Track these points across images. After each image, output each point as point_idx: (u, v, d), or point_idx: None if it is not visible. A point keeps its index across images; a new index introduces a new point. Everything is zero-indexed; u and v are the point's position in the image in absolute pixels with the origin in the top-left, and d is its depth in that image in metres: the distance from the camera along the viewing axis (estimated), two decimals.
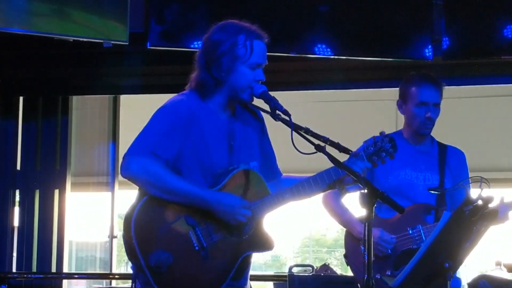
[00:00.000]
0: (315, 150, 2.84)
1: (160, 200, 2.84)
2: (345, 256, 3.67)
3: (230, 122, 3.01)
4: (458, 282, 3.58)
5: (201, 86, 2.96)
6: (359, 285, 3.59)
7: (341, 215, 3.64)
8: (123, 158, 2.87)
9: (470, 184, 3.57)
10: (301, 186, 2.97)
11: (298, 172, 3.17)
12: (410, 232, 3.55)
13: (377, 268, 3.40)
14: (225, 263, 2.86)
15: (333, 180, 2.95)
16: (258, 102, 3.05)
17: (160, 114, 2.91)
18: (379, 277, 3.51)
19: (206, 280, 2.84)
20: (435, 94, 3.62)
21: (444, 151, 3.70)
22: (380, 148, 2.95)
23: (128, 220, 2.79)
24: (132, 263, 2.84)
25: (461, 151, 3.76)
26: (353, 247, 3.59)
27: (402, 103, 3.67)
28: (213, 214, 2.85)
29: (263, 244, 2.95)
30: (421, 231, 3.51)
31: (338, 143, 2.86)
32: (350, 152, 2.91)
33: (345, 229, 3.68)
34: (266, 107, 3.00)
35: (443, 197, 3.59)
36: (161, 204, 2.84)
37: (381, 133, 2.98)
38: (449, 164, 3.68)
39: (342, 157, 2.95)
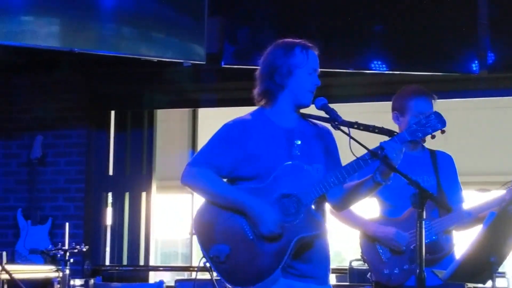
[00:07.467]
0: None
1: (215, 202, 3.10)
2: (362, 255, 3.81)
3: (292, 131, 3.14)
4: (451, 258, 3.67)
5: (265, 93, 3.15)
6: (373, 278, 3.75)
7: (354, 220, 3.78)
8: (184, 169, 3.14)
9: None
10: (345, 169, 3.01)
11: None
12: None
13: (396, 262, 3.65)
14: (279, 247, 2.98)
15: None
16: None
17: (217, 132, 3.18)
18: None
19: (262, 264, 2.99)
20: (430, 105, 3.80)
21: (434, 155, 3.87)
22: (424, 125, 3.01)
23: (193, 222, 3.19)
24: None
25: (448, 154, 3.93)
26: (369, 246, 3.76)
27: (400, 115, 3.81)
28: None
29: (312, 227, 3.01)
30: (431, 226, 3.64)
31: (382, 128, 3.02)
32: (395, 133, 2.99)
33: (359, 232, 3.82)
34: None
35: (443, 195, 3.73)
36: (216, 205, 3.10)
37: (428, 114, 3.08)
38: (441, 166, 3.84)
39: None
